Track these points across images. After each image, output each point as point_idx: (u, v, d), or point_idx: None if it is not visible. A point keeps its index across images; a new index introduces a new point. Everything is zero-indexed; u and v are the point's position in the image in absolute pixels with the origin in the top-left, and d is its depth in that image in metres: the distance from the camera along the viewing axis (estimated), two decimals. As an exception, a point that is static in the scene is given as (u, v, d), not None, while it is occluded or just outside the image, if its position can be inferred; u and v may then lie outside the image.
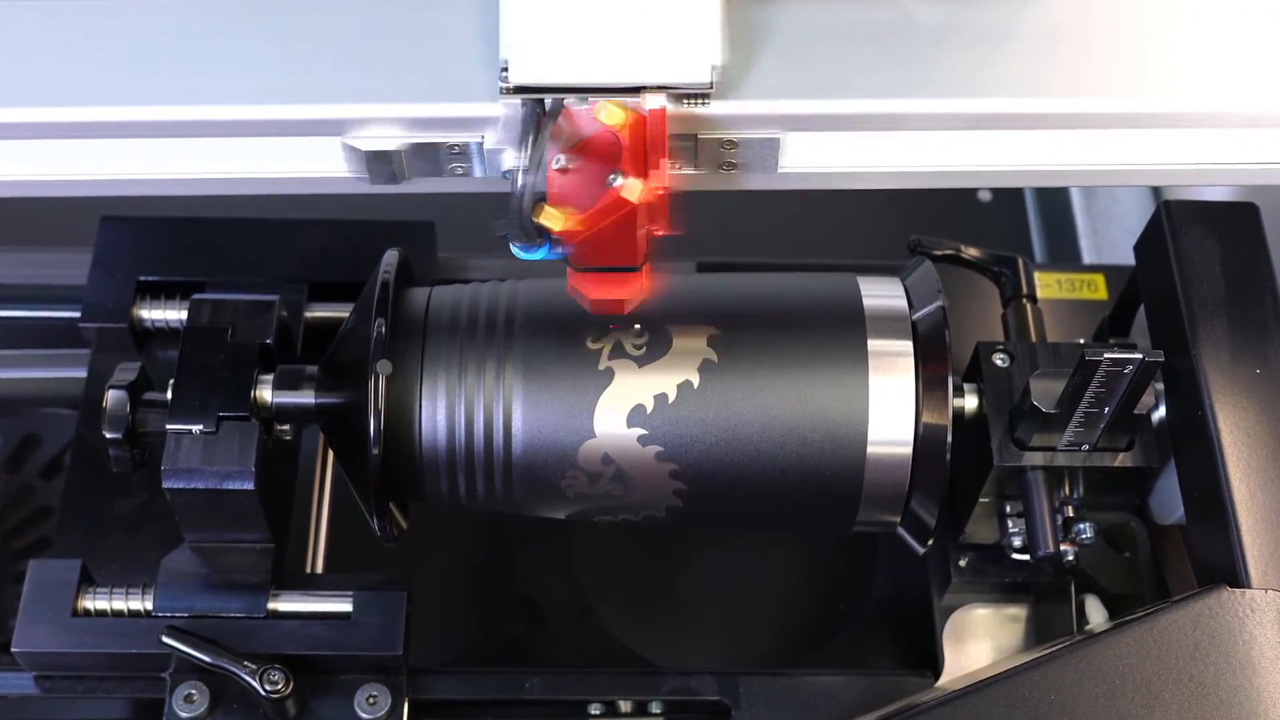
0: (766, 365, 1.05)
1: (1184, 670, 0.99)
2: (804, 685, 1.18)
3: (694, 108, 0.93)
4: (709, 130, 0.95)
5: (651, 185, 0.89)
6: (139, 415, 1.09)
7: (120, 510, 1.23)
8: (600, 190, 0.90)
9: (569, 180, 0.90)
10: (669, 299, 1.06)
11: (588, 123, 0.91)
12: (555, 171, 0.90)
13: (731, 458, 1.05)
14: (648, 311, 1.04)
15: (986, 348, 1.12)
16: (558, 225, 0.90)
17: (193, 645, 1.09)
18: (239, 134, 0.96)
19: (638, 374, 1.04)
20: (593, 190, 0.90)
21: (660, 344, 1.05)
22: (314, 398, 1.09)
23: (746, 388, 1.05)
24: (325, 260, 1.29)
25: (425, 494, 1.08)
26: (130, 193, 0.99)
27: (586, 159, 0.91)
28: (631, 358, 1.05)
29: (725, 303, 1.08)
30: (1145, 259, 1.16)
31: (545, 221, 0.90)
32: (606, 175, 0.90)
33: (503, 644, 1.34)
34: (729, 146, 0.96)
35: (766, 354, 1.05)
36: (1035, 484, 1.10)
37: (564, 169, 0.90)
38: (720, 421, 1.05)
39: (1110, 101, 0.96)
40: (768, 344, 1.06)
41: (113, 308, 1.26)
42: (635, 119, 0.90)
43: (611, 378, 1.04)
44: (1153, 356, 1.01)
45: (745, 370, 1.05)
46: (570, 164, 0.90)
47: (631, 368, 1.04)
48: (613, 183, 0.89)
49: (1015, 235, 1.85)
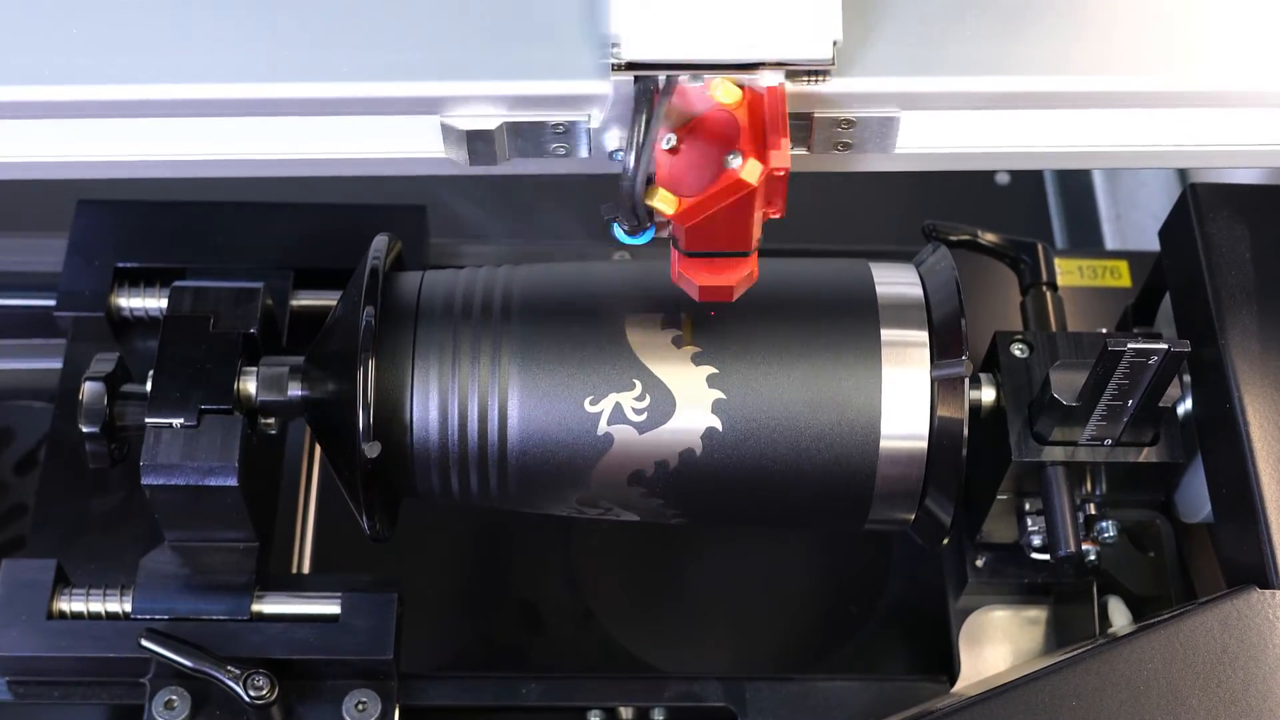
0: (776, 357, 1.05)
1: (1211, 675, 0.99)
2: (813, 691, 1.18)
3: (812, 85, 0.92)
4: (826, 109, 0.94)
5: (771, 166, 0.88)
6: (117, 408, 1.09)
7: (97, 508, 1.23)
8: (713, 172, 0.89)
9: (679, 161, 0.89)
10: (649, 284, 1.07)
11: (701, 101, 0.89)
12: (664, 151, 0.89)
13: (743, 452, 1.05)
14: (659, 294, 1.04)
15: (1005, 338, 1.12)
16: (671, 208, 0.89)
17: (173, 649, 1.09)
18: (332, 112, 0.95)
19: None
20: (704, 172, 0.89)
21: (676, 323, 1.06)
22: (300, 390, 1.09)
23: (758, 380, 1.05)
24: (312, 246, 1.29)
25: (417, 490, 1.08)
26: (191, 174, 0.98)
27: (698, 139, 0.89)
28: (645, 346, 1.05)
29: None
30: (1171, 245, 1.16)
31: (659, 204, 0.89)
32: (720, 156, 0.88)
33: (498, 648, 1.34)
34: (846, 126, 0.95)
35: (776, 345, 1.05)
36: (1055, 480, 1.09)
37: (674, 149, 0.89)
38: (734, 412, 1.05)
39: (1134, 79, 0.96)
40: (778, 334, 1.06)
41: (89, 295, 1.26)
42: (753, 97, 0.89)
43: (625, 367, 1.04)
44: (1179, 347, 1.01)
45: (756, 363, 1.05)
46: (680, 144, 0.89)
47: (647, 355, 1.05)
48: (730, 164, 0.88)
49: (1035, 220, 1.85)
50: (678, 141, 0.89)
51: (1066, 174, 1.87)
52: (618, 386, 1.05)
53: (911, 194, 1.71)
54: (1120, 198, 1.84)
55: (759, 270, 1.10)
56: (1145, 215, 1.79)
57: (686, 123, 0.90)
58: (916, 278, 1.09)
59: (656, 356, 1.05)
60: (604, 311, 1.06)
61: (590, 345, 1.05)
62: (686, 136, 0.89)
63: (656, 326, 1.05)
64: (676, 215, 0.89)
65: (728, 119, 0.89)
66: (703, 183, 0.89)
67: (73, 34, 0.93)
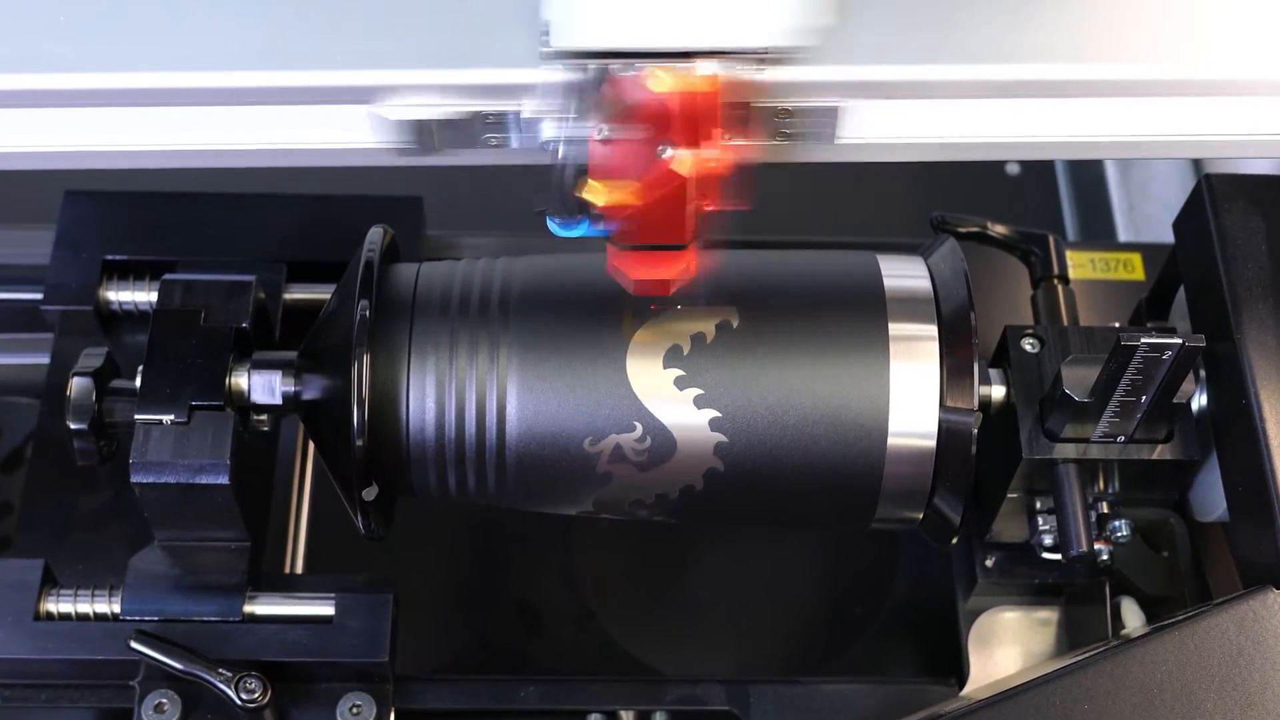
0: (780, 350, 1.05)
1: (1227, 678, 0.99)
2: (819, 694, 1.18)
3: (749, 74, 0.92)
4: (764, 98, 0.94)
5: (704, 157, 0.88)
6: (105, 404, 1.09)
7: (85, 507, 1.23)
8: (646, 162, 0.89)
9: (614, 152, 0.89)
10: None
11: (634, 90, 0.89)
12: (599, 142, 0.89)
13: (746, 483, 1.05)
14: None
15: (1015, 332, 1.12)
16: (603, 200, 0.89)
17: (163, 651, 1.09)
18: (259, 102, 0.95)
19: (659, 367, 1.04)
20: (638, 162, 0.89)
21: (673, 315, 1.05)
22: (293, 385, 1.09)
23: (761, 422, 1.04)
24: (305, 238, 1.29)
25: (413, 488, 1.08)
26: (149, 164, 0.98)
27: (632, 129, 0.89)
28: (649, 342, 1.05)
29: (738, 283, 1.08)
30: (1185, 236, 1.16)
31: (589, 196, 0.89)
32: (654, 147, 0.89)
33: (496, 650, 1.34)
34: (784, 116, 0.95)
35: (780, 338, 1.05)
36: (1067, 478, 1.09)
37: (607, 139, 0.89)
38: (738, 454, 1.05)
39: (1148, 67, 0.96)
40: (781, 327, 1.05)
41: (77, 289, 1.26)
42: (687, 86, 0.90)
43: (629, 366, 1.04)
44: (1193, 341, 1.01)
45: (760, 395, 1.05)
46: (615, 134, 0.90)
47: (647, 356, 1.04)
48: (662, 154, 0.88)
49: (1046, 211, 1.85)
50: (611, 132, 0.89)
51: (1078, 165, 1.87)
52: (618, 428, 1.05)
53: (919, 185, 1.71)
54: (1133, 188, 1.84)
55: (762, 265, 1.10)
56: (1159, 206, 1.79)
57: (620, 112, 0.90)
58: (925, 270, 1.09)
59: (658, 399, 1.05)
60: (605, 313, 1.06)
61: (589, 381, 1.04)
62: (620, 127, 0.89)
63: (658, 365, 1.05)
64: (607, 208, 0.89)
65: (661, 109, 0.89)
66: (635, 174, 0.89)
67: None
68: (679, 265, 0.95)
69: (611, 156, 0.89)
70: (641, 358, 1.04)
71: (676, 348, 1.04)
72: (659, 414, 1.04)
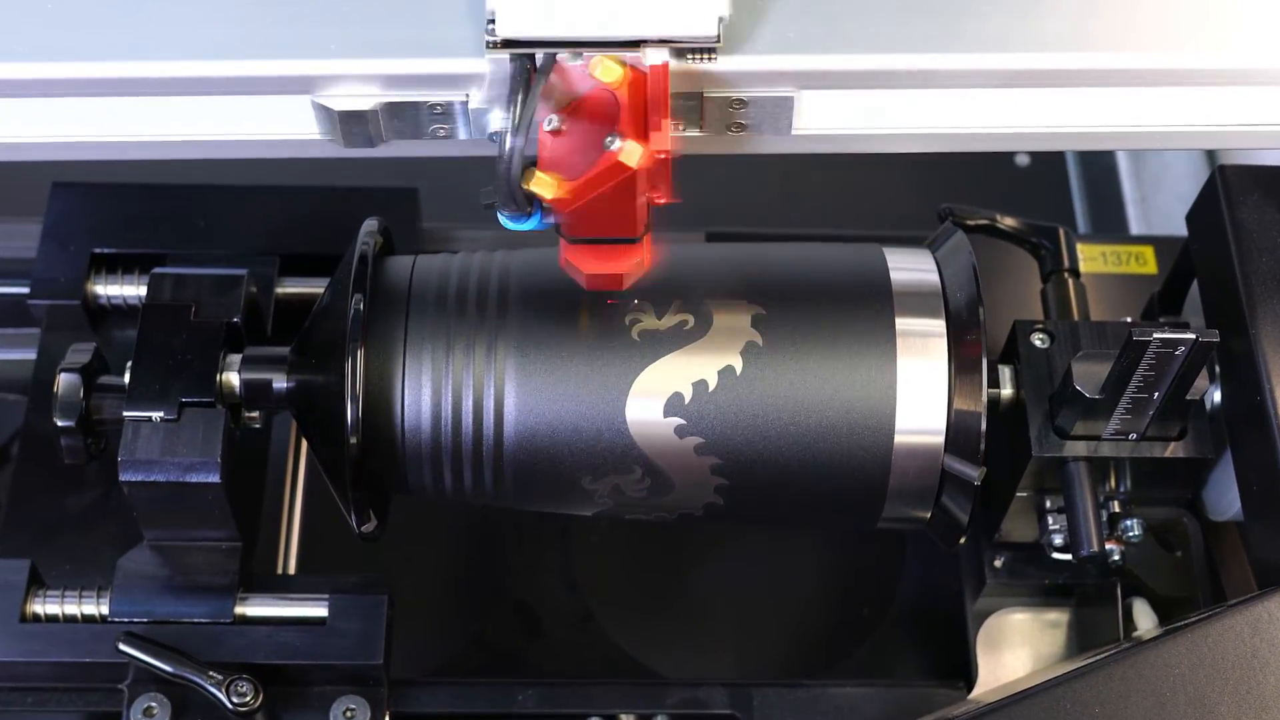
0: (796, 347, 1.05)
1: (1241, 681, 0.99)
2: (823, 697, 1.18)
3: (699, 63, 0.92)
4: (716, 88, 0.94)
5: (652, 148, 0.89)
6: (93, 401, 1.08)
7: (73, 506, 1.23)
8: (596, 154, 0.89)
9: (562, 143, 0.90)
10: (687, 270, 1.06)
11: (582, 80, 0.90)
12: (547, 134, 0.90)
13: (766, 451, 1.05)
14: (670, 283, 1.04)
15: (1024, 327, 1.12)
16: (550, 193, 0.89)
17: (152, 653, 1.09)
18: (199, 92, 0.95)
19: (675, 356, 1.04)
20: (588, 154, 0.89)
21: (703, 322, 1.05)
22: (286, 382, 1.09)
23: (783, 373, 1.04)
24: (298, 231, 1.29)
25: (409, 487, 1.08)
26: (80, 156, 0.99)
27: (581, 120, 0.90)
28: (663, 335, 1.04)
29: (752, 276, 1.08)
30: (1199, 229, 1.16)
31: (536, 188, 0.89)
32: (603, 138, 0.89)
33: (493, 652, 1.34)
34: (738, 106, 0.95)
35: (797, 335, 1.05)
36: (1078, 477, 1.09)
37: (556, 131, 0.90)
38: (759, 411, 1.04)
39: (1160, 56, 0.96)
40: (798, 323, 1.05)
41: (65, 283, 1.26)
42: (635, 76, 0.90)
43: (639, 358, 1.04)
44: (1207, 337, 1.01)
45: (783, 355, 1.04)
46: (563, 125, 0.90)
47: (661, 347, 1.04)
48: (610, 146, 0.88)
49: (1056, 203, 1.85)
50: (559, 123, 0.89)
51: (1089, 156, 1.87)
52: (617, 470, 1.05)
53: (927, 177, 1.71)
54: (1146, 180, 1.84)
55: (769, 258, 1.10)
56: (1172, 198, 1.79)
57: (569, 103, 0.90)
58: (933, 264, 1.09)
59: (657, 448, 1.05)
60: (606, 310, 1.05)
61: (589, 415, 1.04)
62: (570, 117, 0.90)
63: (658, 414, 1.04)
64: (555, 200, 0.89)
65: (609, 99, 0.89)
66: (583, 166, 0.89)
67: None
68: (632, 259, 0.95)
69: (559, 148, 0.90)
70: (642, 404, 1.04)
71: (678, 395, 1.04)
72: (659, 462, 1.05)
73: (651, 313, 1.05)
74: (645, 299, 1.05)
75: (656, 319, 1.04)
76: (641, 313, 1.05)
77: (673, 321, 1.05)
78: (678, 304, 1.05)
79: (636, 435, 1.04)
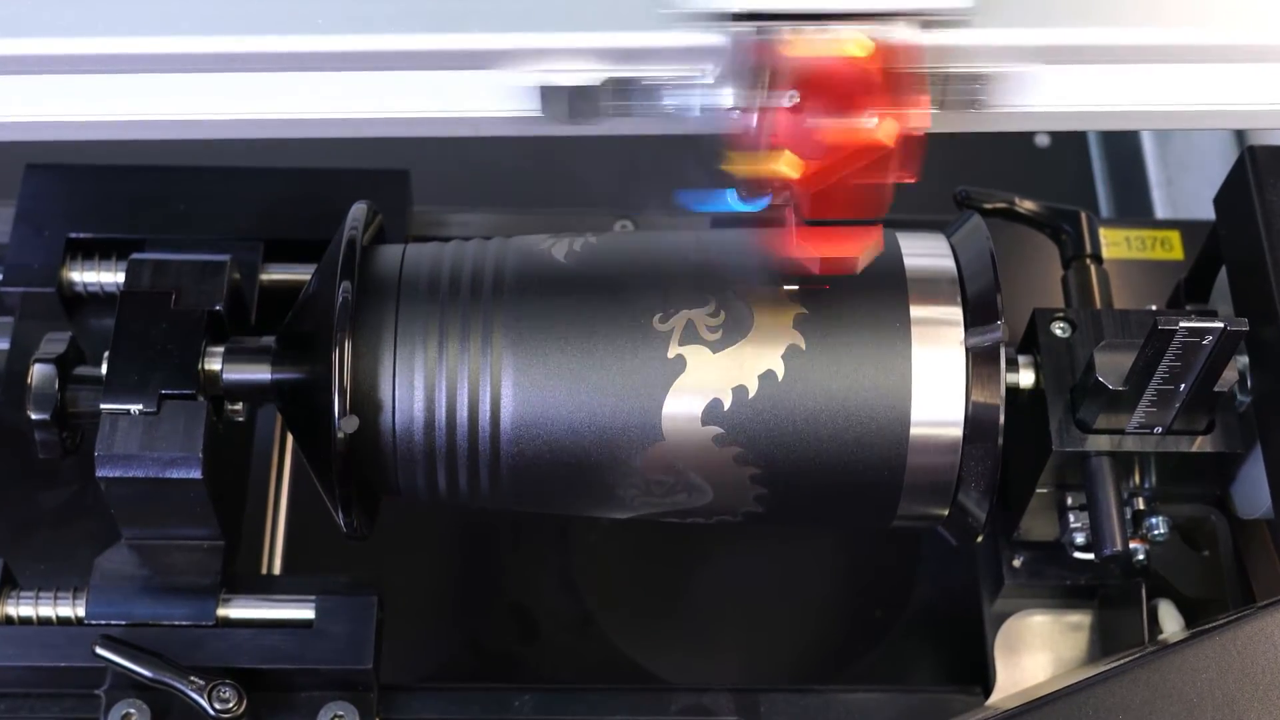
0: (832, 349, 1.04)
1: (1272, 686, 0.99)
2: (834, 703, 1.18)
3: (948, 37, 0.91)
4: (963, 63, 0.93)
5: (911, 125, 0.88)
6: (69, 393, 1.09)
7: (48, 502, 1.23)
8: (836, 132, 0.88)
9: (803, 121, 0.89)
10: (716, 260, 1.06)
11: (829, 55, 0.89)
12: (786, 111, 0.89)
13: (805, 458, 1.05)
14: (703, 275, 1.04)
15: (1045, 316, 1.12)
16: (796, 172, 0.88)
17: (131, 657, 1.09)
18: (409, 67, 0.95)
19: (715, 358, 1.04)
20: (827, 132, 0.88)
21: (742, 321, 1.04)
22: (270, 373, 1.09)
23: (820, 378, 1.04)
24: (284, 215, 1.29)
25: (399, 487, 1.08)
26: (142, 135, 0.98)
27: (827, 96, 0.89)
28: (698, 334, 1.04)
29: (788, 268, 1.07)
30: (1227, 213, 1.16)
31: (782, 168, 0.88)
32: (849, 115, 0.88)
33: (489, 657, 1.34)
34: (981, 82, 0.95)
35: (830, 336, 1.05)
36: (1100, 472, 1.09)
37: (797, 108, 0.89)
38: (801, 417, 1.04)
39: (1187, 31, 0.96)
40: (830, 324, 1.05)
41: (39, 269, 1.26)
42: (885, 50, 0.88)
43: (672, 361, 1.04)
44: (1236, 325, 1.01)
45: (821, 358, 1.04)
46: (805, 102, 0.88)
47: (697, 348, 1.04)
48: (863, 123, 0.87)
49: (1078, 186, 1.85)
50: (800, 99, 0.88)
51: (1112, 136, 1.87)
52: (650, 477, 1.06)
53: (943, 158, 1.70)
54: (1171, 162, 1.84)
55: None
56: (1199, 181, 1.79)
57: (812, 79, 0.88)
58: (948, 249, 1.09)
59: (693, 458, 1.05)
60: (606, 309, 1.05)
61: (615, 426, 1.04)
62: (811, 94, 0.88)
63: (696, 422, 1.04)
64: (802, 180, 0.88)
65: (859, 74, 0.88)
66: (822, 145, 0.88)
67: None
68: (869, 241, 0.94)
69: (802, 126, 0.88)
70: (678, 410, 1.04)
71: (716, 402, 1.04)
72: (694, 471, 1.05)
73: (684, 308, 1.04)
74: (675, 291, 1.04)
75: (690, 314, 1.04)
76: (672, 307, 1.04)
77: (709, 319, 1.04)
78: (714, 301, 1.05)
79: (671, 443, 1.04)
